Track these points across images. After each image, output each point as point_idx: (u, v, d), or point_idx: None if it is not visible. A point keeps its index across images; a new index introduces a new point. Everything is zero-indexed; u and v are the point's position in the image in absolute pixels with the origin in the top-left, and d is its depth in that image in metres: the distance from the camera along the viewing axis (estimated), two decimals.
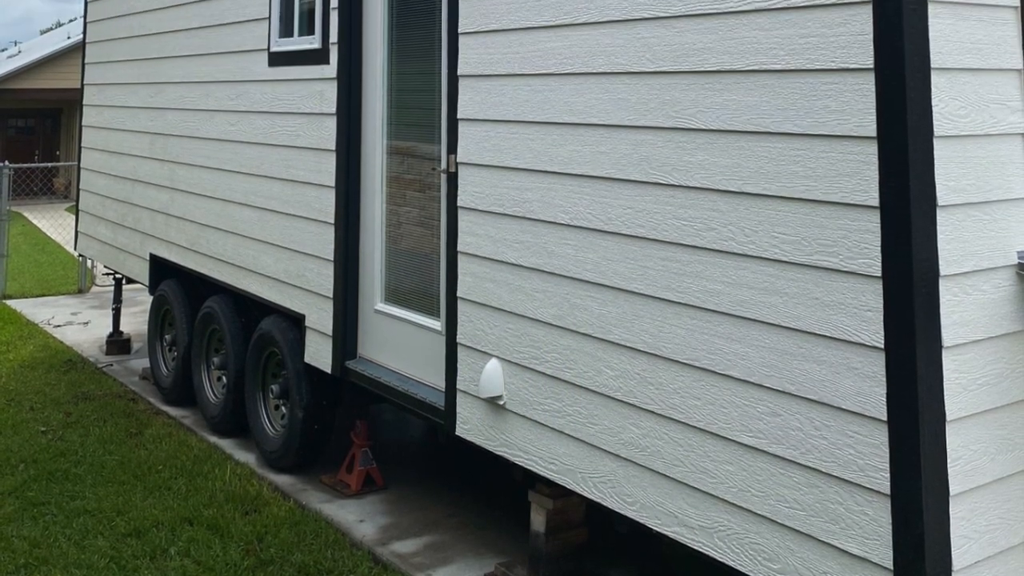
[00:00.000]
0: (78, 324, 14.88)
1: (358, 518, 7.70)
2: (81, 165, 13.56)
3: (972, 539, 4.33)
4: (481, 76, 6.47)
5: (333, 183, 7.97)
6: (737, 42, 4.90)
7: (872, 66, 4.31)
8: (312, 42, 8.30)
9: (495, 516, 7.67)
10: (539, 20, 6.04)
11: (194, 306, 10.28)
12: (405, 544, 7.30)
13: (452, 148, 6.69)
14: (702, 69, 5.07)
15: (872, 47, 4.31)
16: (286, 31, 8.77)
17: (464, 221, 6.60)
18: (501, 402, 6.27)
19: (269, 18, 8.93)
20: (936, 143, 4.28)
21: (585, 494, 5.75)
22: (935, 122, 4.28)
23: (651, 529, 5.37)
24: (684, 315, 5.15)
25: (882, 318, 4.25)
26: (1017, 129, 4.61)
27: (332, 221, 7.97)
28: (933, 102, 4.28)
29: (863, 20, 4.35)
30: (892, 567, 4.22)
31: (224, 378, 9.68)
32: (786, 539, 4.67)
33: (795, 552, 4.63)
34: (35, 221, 29.93)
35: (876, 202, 4.27)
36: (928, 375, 4.19)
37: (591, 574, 6.67)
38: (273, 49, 8.87)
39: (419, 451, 9.75)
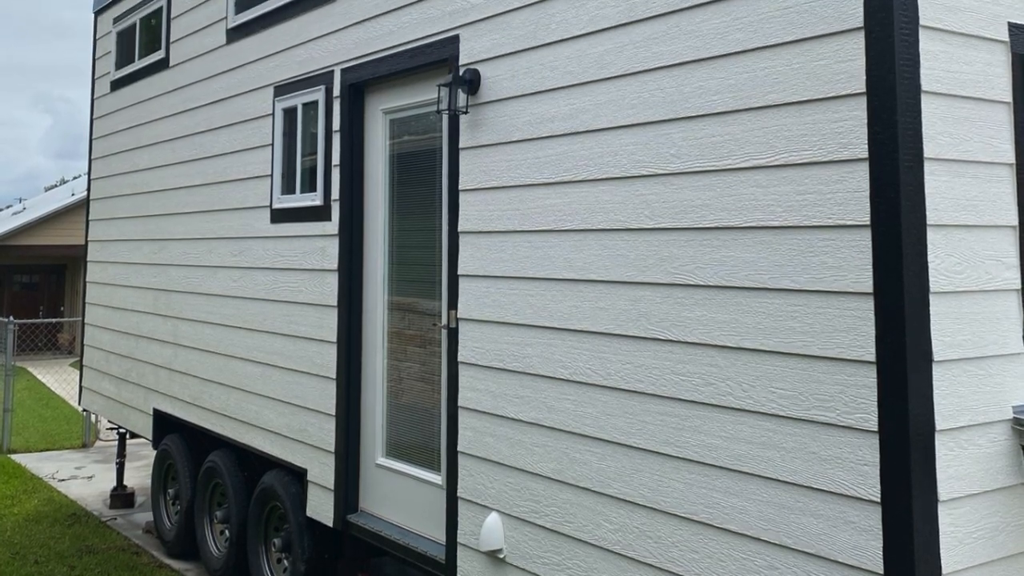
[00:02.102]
0: (82, 478, 14.86)
1: None
2: (85, 321, 13.64)
3: None
4: (481, 232, 6.54)
5: (335, 339, 8.02)
6: (735, 199, 4.97)
7: (868, 222, 4.36)
8: (314, 199, 8.41)
9: None
10: (539, 177, 6.12)
11: (197, 460, 10.29)
12: None
13: (453, 304, 6.75)
14: (700, 226, 5.13)
15: (869, 204, 4.37)
16: (288, 188, 8.87)
17: (465, 376, 6.64)
18: (501, 555, 6.25)
19: (271, 175, 9.05)
20: (932, 299, 4.32)
21: None
22: (931, 278, 4.33)
23: None
24: (683, 469, 5.16)
25: (878, 472, 4.26)
26: (1012, 285, 4.65)
27: (334, 376, 8.00)
28: (929, 258, 4.33)
29: (860, 177, 4.41)
30: None
31: (227, 531, 9.65)
32: None
33: None
34: (40, 376, 29.92)
35: (873, 357, 4.31)
36: (924, 529, 4.19)
37: None
38: (275, 206, 8.98)
39: None
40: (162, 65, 11.58)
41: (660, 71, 5.38)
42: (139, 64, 12.25)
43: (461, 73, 6.66)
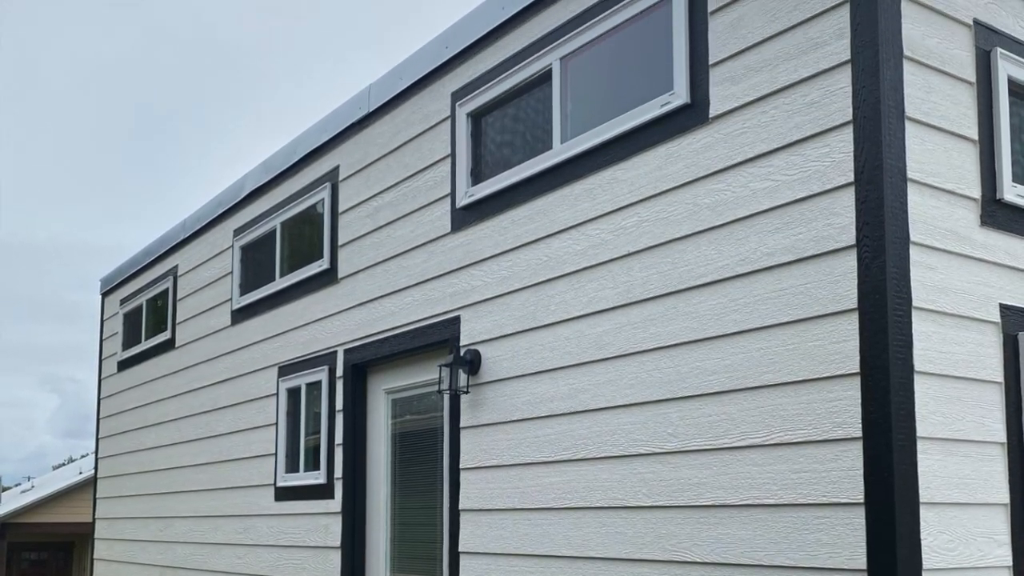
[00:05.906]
0: None
1: None
2: None
3: None
4: (482, 510, 6.56)
5: None
6: (731, 477, 5.01)
7: (863, 501, 4.40)
8: (317, 477, 8.44)
9: None
10: (539, 456, 6.17)
11: None
12: None
13: None
14: (697, 504, 5.16)
15: (863, 482, 4.41)
16: (292, 466, 8.92)
17: None
18: None
19: (275, 454, 9.11)
20: None
21: None
22: (924, 555, 4.35)
23: None
24: None
25: None
26: (1004, 563, 4.68)
27: None
28: (922, 536, 4.36)
29: (854, 456, 4.46)
30: None
31: None
32: None
33: None
34: None
35: None
36: None
37: None
38: (279, 484, 9.01)
39: None
40: (168, 346, 11.75)
41: (657, 351, 5.47)
42: (145, 344, 12.43)
43: (462, 353, 6.77)
